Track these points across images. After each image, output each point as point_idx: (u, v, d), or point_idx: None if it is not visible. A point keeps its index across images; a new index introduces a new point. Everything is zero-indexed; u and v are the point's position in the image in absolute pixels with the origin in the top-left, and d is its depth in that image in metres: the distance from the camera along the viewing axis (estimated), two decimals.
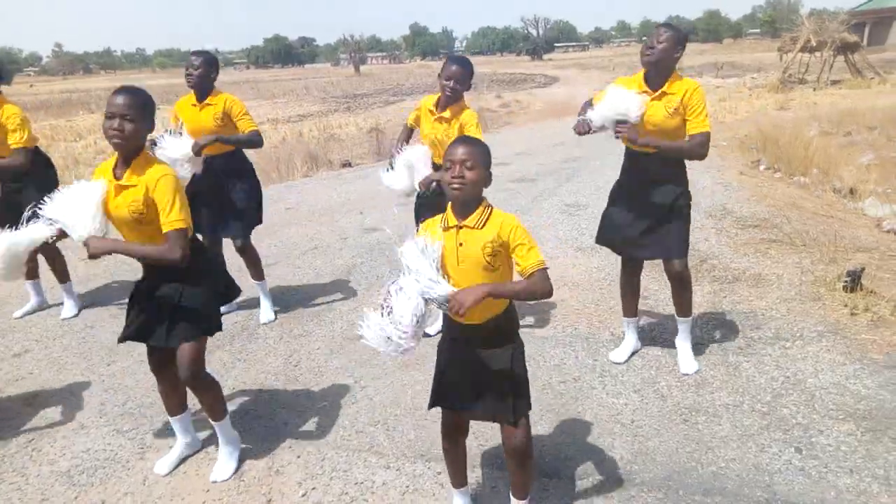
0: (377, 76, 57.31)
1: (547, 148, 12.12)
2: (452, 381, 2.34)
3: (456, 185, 2.13)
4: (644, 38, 3.60)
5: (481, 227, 2.15)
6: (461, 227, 2.17)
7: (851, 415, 3.15)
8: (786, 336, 4.00)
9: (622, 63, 48.64)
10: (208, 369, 2.89)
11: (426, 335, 4.18)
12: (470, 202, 2.18)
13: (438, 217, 2.28)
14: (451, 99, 3.83)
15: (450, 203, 2.23)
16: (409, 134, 4.21)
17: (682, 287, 3.61)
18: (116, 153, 2.61)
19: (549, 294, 2.16)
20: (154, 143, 3.88)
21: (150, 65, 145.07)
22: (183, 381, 2.77)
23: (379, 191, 9.03)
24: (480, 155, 2.16)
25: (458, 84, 3.79)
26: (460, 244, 2.17)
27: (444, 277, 2.12)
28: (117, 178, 2.60)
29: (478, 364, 2.28)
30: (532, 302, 4.55)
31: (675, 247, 3.48)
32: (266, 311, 4.64)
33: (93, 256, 2.51)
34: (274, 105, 30.14)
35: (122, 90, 2.56)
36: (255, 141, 4.24)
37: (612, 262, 5.45)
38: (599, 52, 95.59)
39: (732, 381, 3.52)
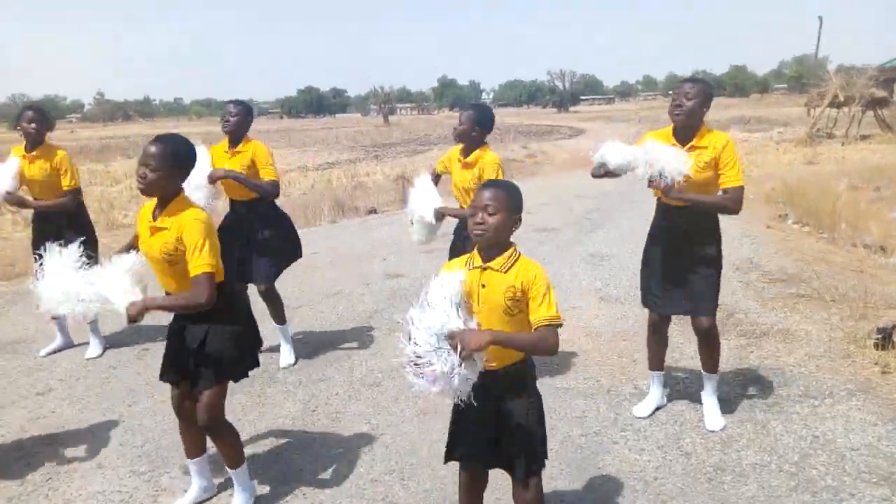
0: (405, 126, 58.36)
1: (571, 198, 12.15)
2: (466, 432, 2.29)
3: (477, 232, 2.14)
4: (670, 93, 3.64)
5: (505, 272, 2.15)
6: (486, 269, 2.17)
7: (885, 478, 3.02)
8: (815, 394, 3.88)
9: (648, 116, 48.98)
10: (228, 416, 2.89)
11: None
12: (495, 246, 2.18)
13: (465, 257, 2.29)
14: (466, 142, 3.88)
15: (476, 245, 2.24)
16: (436, 180, 4.23)
17: (709, 343, 3.55)
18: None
19: (553, 352, 2.11)
20: None
21: (187, 113, 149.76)
22: (200, 425, 2.77)
23: (403, 238, 9.12)
24: (504, 200, 2.15)
25: (465, 125, 3.83)
26: (483, 285, 2.16)
27: (466, 315, 2.09)
28: (154, 218, 2.68)
29: (493, 414, 2.24)
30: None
31: (705, 304, 3.45)
32: (286, 354, 4.65)
33: (132, 321, 2.56)
34: (304, 153, 30.79)
35: (154, 140, 2.67)
36: (269, 191, 4.27)
37: (636, 314, 5.39)
38: (625, 106, 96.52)
39: (760, 440, 3.41)
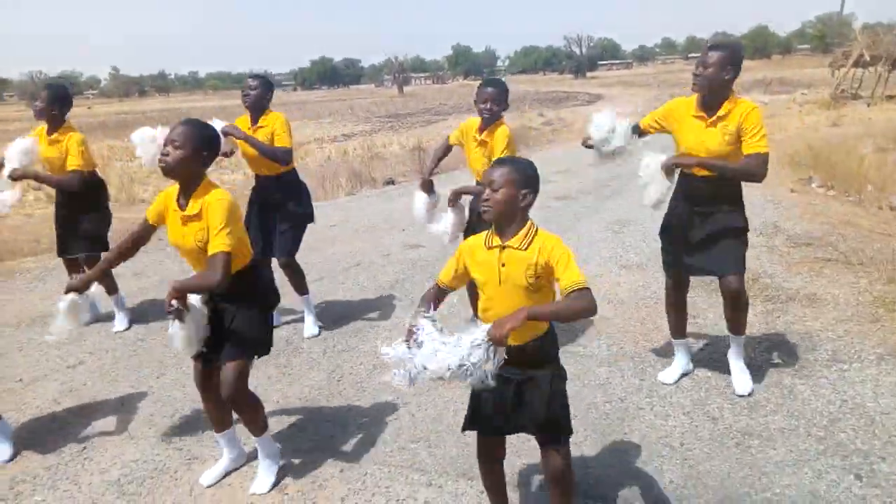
0: (420, 96, 57.96)
1: (588, 166, 12.00)
2: (488, 405, 2.29)
3: (483, 208, 2.17)
4: (691, 56, 3.56)
5: (525, 249, 2.13)
6: (504, 248, 2.16)
7: None
8: (843, 358, 3.84)
9: (667, 80, 48.13)
10: (251, 386, 2.93)
11: None
12: (510, 223, 2.16)
13: (482, 234, 2.27)
14: (490, 121, 3.86)
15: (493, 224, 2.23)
16: (446, 150, 4.27)
17: (736, 305, 3.47)
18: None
19: (593, 312, 2.09)
20: None
21: (202, 87, 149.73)
22: (224, 397, 2.79)
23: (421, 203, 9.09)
24: (509, 174, 2.14)
25: (494, 105, 3.81)
26: (503, 264, 2.15)
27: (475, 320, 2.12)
28: (181, 208, 2.68)
29: (515, 386, 2.24)
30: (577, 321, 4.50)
31: (732, 262, 3.36)
32: (310, 325, 4.68)
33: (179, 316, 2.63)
34: (320, 125, 30.72)
35: (183, 121, 2.68)
36: (280, 157, 4.26)
37: (658, 280, 5.35)
38: (644, 70, 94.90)
39: (787, 405, 3.39)
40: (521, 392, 2.25)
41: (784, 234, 6.45)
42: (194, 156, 2.63)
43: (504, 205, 2.13)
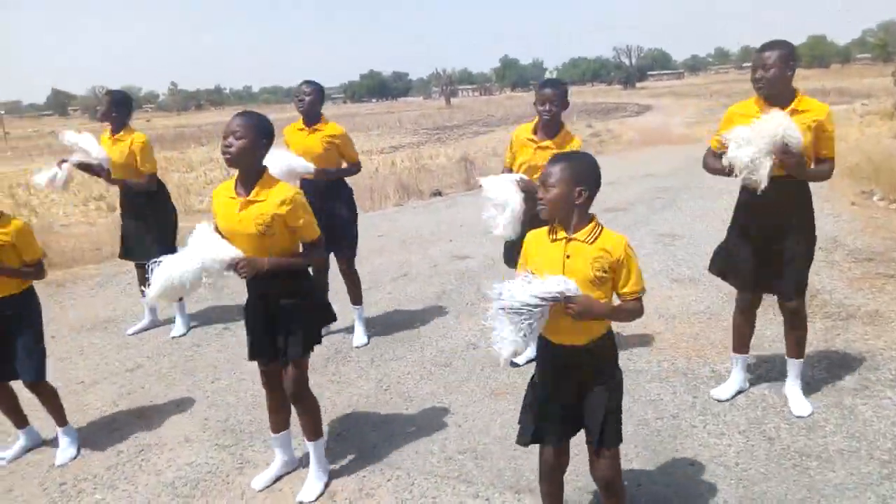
0: (468, 108, 58.15)
1: (639, 177, 11.85)
2: (553, 415, 2.28)
3: (540, 206, 2.18)
4: (745, 66, 3.45)
5: (591, 243, 2.13)
6: (571, 240, 2.15)
7: None
8: None
9: (720, 91, 47.15)
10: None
11: (514, 365, 4.15)
12: (569, 220, 2.16)
13: (542, 229, 2.27)
14: (551, 123, 3.80)
15: None
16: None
17: (795, 325, 3.40)
18: (237, 173, 2.78)
19: (639, 316, 2.19)
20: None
21: (256, 101, 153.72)
22: (289, 396, 2.90)
23: (468, 219, 9.13)
24: (562, 171, 2.13)
25: (553, 106, 3.75)
26: (568, 256, 2.15)
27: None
28: (241, 195, 2.75)
29: (576, 387, 2.25)
30: (625, 334, 4.44)
31: (794, 283, 3.29)
32: (359, 335, 4.74)
33: (248, 276, 2.68)
34: (368, 137, 31.14)
35: (238, 114, 2.76)
36: (355, 171, 4.58)
37: (711, 295, 5.24)
38: (695, 80, 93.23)
39: (848, 426, 3.26)
40: (582, 394, 2.26)
41: (845, 249, 6.23)
42: (256, 144, 2.71)
43: (559, 203, 2.13)
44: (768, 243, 3.30)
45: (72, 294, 6.45)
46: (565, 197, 2.12)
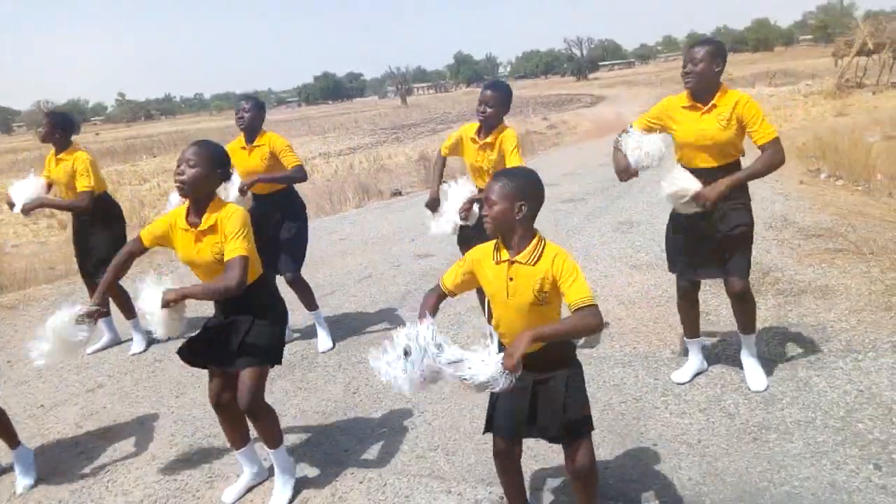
0: (424, 106, 58.16)
1: (595, 167, 12.02)
2: (506, 408, 2.32)
3: (485, 223, 2.20)
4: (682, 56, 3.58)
5: (534, 264, 2.15)
6: (513, 263, 2.17)
7: None
8: (857, 348, 3.83)
9: (670, 78, 48.03)
10: (268, 399, 2.97)
11: None
12: (512, 236, 2.17)
13: (488, 245, 2.28)
14: (488, 124, 3.84)
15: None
16: (443, 165, 4.22)
17: (743, 306, 3.52)
18: (188, 202, 2.76)
19: (598, 329, 2.11)
20: None
21: (207, 108, 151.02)
22: (242, 407, 2.82)
23: (429, 217, 9.13)
24: (502, 188, 2.15)
25: (490, 108, 3.78)
26: (510, 279, 2.17)
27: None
28: (194, 225, 2.73)
29: (532, 390, 2.26)
30: None
31: (737, 266, 3.40)
32: (324, 339, 4.72)
33: (166, 305, 2.65)
34: (325, 140, 30.91)
35: (194, 142, 2.77)
36: (298, 177, 4.38)
37: (668, 280, 5.34)
38: (645, 69, 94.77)
39: (803, 397, 3.38)
40: (536, 395, 2.27)
41: (794, 227, 6.44)
42: (208, 174, 2.70)
43: (501, 219, 2.16)
44: (705, 231, 3.39)
45: (26, 316, 6.27)
46: (506, 213, 2.14)
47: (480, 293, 3.78)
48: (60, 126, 4.70)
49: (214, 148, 2.78)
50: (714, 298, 4.76)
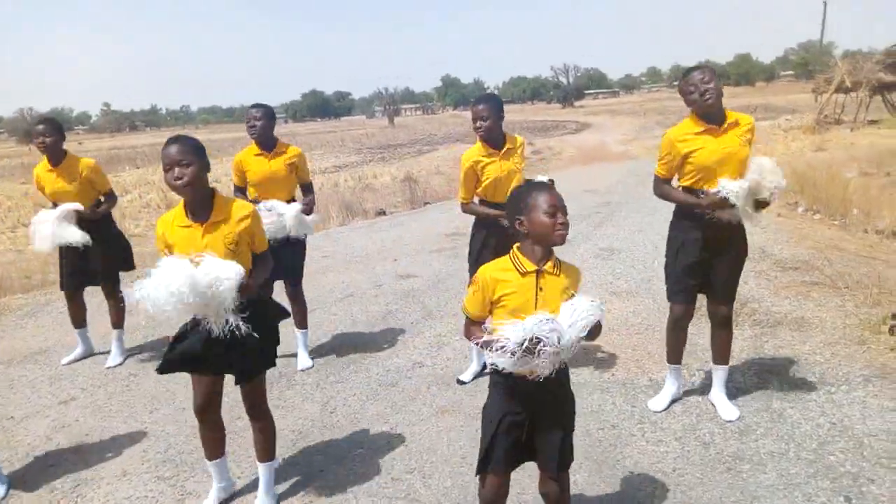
0: (411, 127, 58.39)
1: (579, 193, 12.14)
2: (509, 445, 2.29)
3: (563, 233, 2.21)
4: (675, 84, 3.68)
5: (558, 275, 2.21)
6: (542, 273, 2.20)
7: None
8: (831, 381, 3.89)
9: (653, 109, 48.81)
10: (242, 419, 2.96)
11: (460, 382, 4.20)
12: (542, 248, 2.23)
13: (502, 261, 2.28)
14: (492, 135, 3.87)
15: (517, 247, 2.27)
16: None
17: (724, 331, 3.60)
18: (183, 201, 2.72)
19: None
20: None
21: (193, 121, 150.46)
22: (255, 413, 2.92)
23: (412, 238, 9.17)
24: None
25: (485, 120, 3.83)
26: (540, 289, 2.19)
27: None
28: (201, 219, 2.69)
29: (536, 416, 2.27)
30: None
31: (730, 292, 3.53)
32: (304, 358, 4.69)
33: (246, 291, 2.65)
34: (311, 156, 30.89)
35: (172, 140, 2.69)
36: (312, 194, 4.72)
37: (647, 307, 5.41)
38: (630, 98, 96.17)
39: (777, 428, 3.42)
40: (537, 423, 2.28)
41: (771, 259, 6.54)
42: (203, 167, 2.69)
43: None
44: (707, 255, 3.46)
45: (0, 325, 6.16)
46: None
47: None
48: (62, 132, 4.72)
49: (194, 140, 2.73)
50: (692, 328, 4.78)
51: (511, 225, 2.28)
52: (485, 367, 4.17)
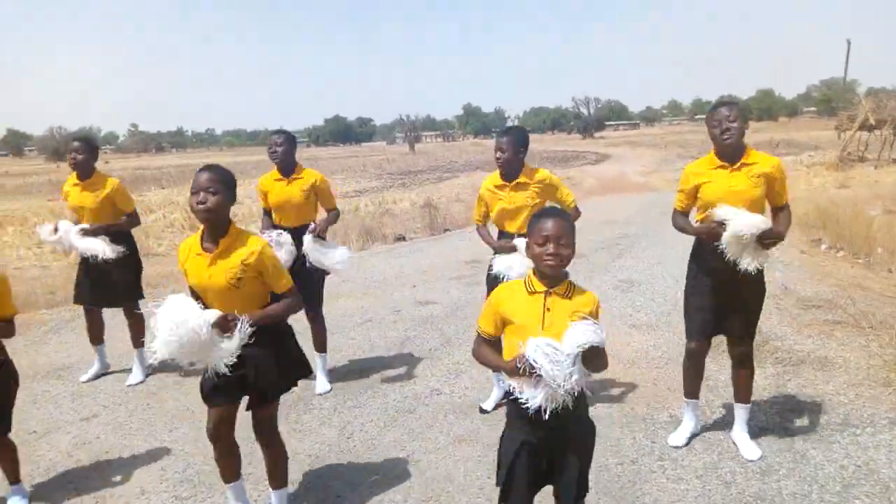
0: (431, 154, 58.84)
1: (598, 224, 12.13)
2: (527, 474, 2.28)
3: (551, 263, 2.20)
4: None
5: (570, 297, 2.23)
6: (550, 293, 2.22)
7: None
8: (855, 422, 3.82)
9: (674, 141, 48.78)
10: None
11: (483, 411, 4.18)
12: (560, 274, 2.25)
13: (516, 282, 2.34)
14: (509, 167, 3.91)
15: (532, 270, 2.30)
16: (487, 229, 4.20)
17: (745, 369, 3.57)
18: (203, 227, 2.78)
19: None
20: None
21: (218, 144, 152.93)
22: (266, 439, 2.94)
23: (431, 264, 9.20)
24: (571, 229, 2.25)
25: (504, 152, 3.87)
26: (548, 309, 2.21)
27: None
28: (209, 249, 2.75)
29: (550, 450, 2.27)
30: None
31: (748, 328, 3.51)
32: (322, 382, 4.71)
33: (226, 331, 2.65)
34: (332, 181, 31.08)
35: (205, 168, 2.77)
36: (335, 218, 4.70)
37: (668, 341, 5.37)
38: (651, 131, 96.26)
39: (799, 469, 3.36)
40: (554, 449, 2.27)
41: (794, 296, 6.48)
42: (228, 197, 2.75)
43: (569, 261, 2.24)
44: (724, 289, 3.45)
45: (24, 340, 6.26)
46: (572, 254, 2.25)
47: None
48: (89, 151, 4.85)
49: (226, 172, 2.80)
50: (712, 363, 4.75)
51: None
52: (506, 394, 4.15)
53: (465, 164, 39.64)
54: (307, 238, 4.37)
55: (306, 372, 3.08)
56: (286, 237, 4.36)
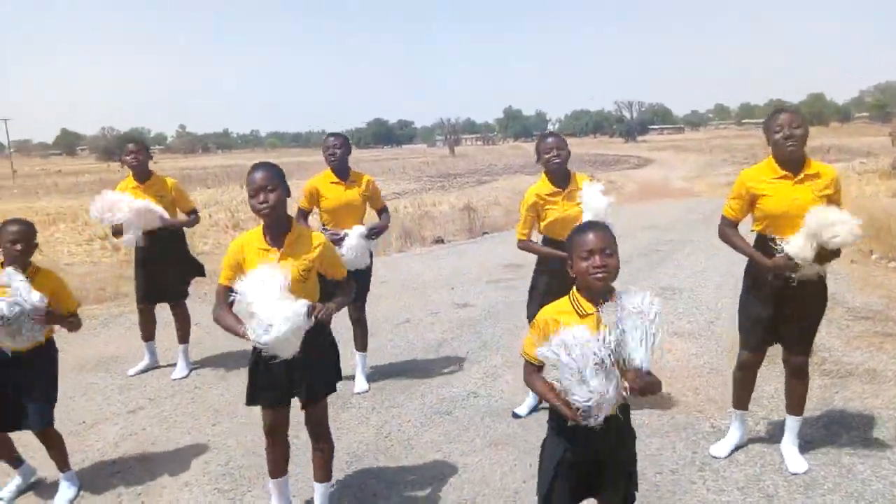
0: (471, 157, 58.92)
1: (640, 229, 11.97)
2: (569, 489, 2.25)
3: (600, 275, 2.12)
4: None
5: None
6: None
7: None
8: None
9: (719, 146, 47.84)
10: (301, 437, 3.05)
11: (515, 416, 4.17)
12: (608, 288, 2.16)
13: (561, 302, 2.24)
14: (562, 170, 3.93)
15: (575, 287, 2.22)
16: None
17: (800, 381, 3.47)
18: (263, 224, 2.83)
19: None
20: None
21: (262, 145, 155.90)
22: (318, 434, 3.01)
23: (470, 267, 9.21)
24: (615, 240, 2.18)
25: (562, 152, 3.89)
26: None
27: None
28: (276, 245, 2.79)
29: (601, 460, 2.23)
30: None
31: (807, 340, 3.42)
32: (361, 381, 4.77)
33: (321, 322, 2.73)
34: None
35: (258, 166, 2.79)
36: (388, 220, 4.85)
37: (711, 350, 5.27)
38: (695, 135, 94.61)
39: (846, 484, 3.27)
40: (604, 463, 2.23)
41: (843, 307, 6.29)
42: (285, 191, 2.80)
43: (618, 271, 2.16)
44: (785, 300, 3.34)
45: (75, 333, 6.47)
46: (619, 264, 2.17)
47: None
48: (144, 153, 5.04)
49: (277, 166, 2.85)
50: (759, 375, 4.65)
51: (566, 268, 2.24)
52: (541, 401, 4.14)
53: (505, 167, 39.57)
54: (359, 231, 4.41)
55: (340, 374, 3.15)
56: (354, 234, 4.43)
